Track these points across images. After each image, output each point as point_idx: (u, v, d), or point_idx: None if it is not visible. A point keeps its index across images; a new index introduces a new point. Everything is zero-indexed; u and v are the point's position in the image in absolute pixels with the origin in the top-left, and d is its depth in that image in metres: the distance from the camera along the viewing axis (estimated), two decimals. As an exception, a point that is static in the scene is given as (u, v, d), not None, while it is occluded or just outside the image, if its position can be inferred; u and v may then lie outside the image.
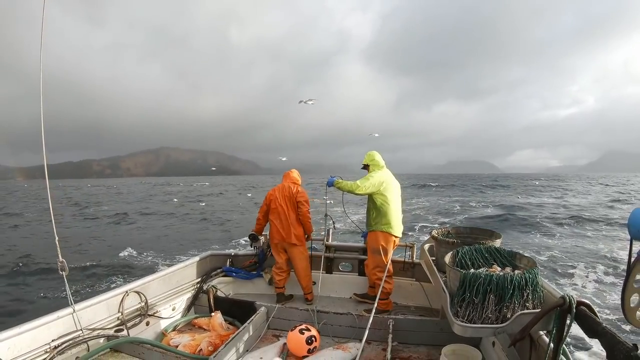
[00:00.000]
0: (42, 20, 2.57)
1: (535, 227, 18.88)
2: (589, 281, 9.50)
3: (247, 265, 5.12)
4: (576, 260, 11.79)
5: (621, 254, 12.19)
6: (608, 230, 17.94)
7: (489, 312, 2.28)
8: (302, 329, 3.58)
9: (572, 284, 9.24)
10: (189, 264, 4.57)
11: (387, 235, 4.37)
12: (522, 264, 2.77)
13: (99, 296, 3.41)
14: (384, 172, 4.54)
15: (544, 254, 12.70)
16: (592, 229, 18.54)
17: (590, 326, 1.85)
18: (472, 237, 3.64)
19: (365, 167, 4.67)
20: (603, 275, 10.04)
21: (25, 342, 2.72)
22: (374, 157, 4.60)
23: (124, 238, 17.43)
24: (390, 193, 4.42)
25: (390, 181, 4.50)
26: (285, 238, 4.58)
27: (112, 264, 11.82)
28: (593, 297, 8.23)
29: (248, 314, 3.92)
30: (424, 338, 3.71)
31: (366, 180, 4.35)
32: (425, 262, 3.92)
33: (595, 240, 15.41)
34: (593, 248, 13.79)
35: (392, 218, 4.38)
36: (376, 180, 4.36)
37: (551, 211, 25.39)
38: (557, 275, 10.10)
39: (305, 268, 4.70)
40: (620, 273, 10.05)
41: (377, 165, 4.56)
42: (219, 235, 18.44)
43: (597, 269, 10.71)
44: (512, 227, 19.15)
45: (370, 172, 4.52)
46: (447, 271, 2.77)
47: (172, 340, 3.63)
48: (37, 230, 20.14)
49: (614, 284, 9.18)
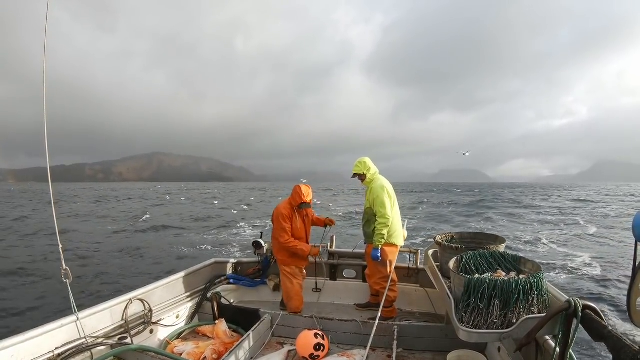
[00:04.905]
0: (45, 23, 2.60)
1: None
2: (593, 283, 9.44)
3: (251, 272, 5.10)
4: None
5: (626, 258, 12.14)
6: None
7: (494, 318, 2.27)
8: (318, 333, 3.58)
9: (576, 289, 9.16)
10: (193, 272, 4.57)
11: (393, 247, 4.31)
12: (526, 268, 2.76)
13: (102, 304, 3.41)
14: (382, 179, 4.35)
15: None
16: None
17: (596, 330, 1.84)
18: (476, 242, 3.63)
19: (357, 176, 4.41)
20: (608, 277, 9.98)
21: (29, 350, 2.72)
22: (369, 166, 4.35)
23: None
24: (391, 199, 4.29)
25: (389, 186, 4.32)
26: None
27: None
28: (598, 300, 8.16)
29: (252, 321, 3.91)
30: (429, 344, 3.69)
31: (382, 208, 4.13)
32: (430, 268, 3.91)
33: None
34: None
35: (395, 228, 4.31)
36: (385, 196, 4.16)
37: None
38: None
39: (288, 290, 4.48)
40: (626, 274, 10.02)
41: (373, 173, 4.36)
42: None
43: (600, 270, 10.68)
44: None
45: (367, 183, 4.35)
46: (451, 277, 2.77)
47: (176, 348, 3.62)
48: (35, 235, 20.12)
49: (619, 286, 9.11)
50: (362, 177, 4.38)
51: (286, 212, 4.35)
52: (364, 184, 4.42)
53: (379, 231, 4.14)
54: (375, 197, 4.22)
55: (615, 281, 9.60)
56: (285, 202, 4.48)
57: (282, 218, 4.32)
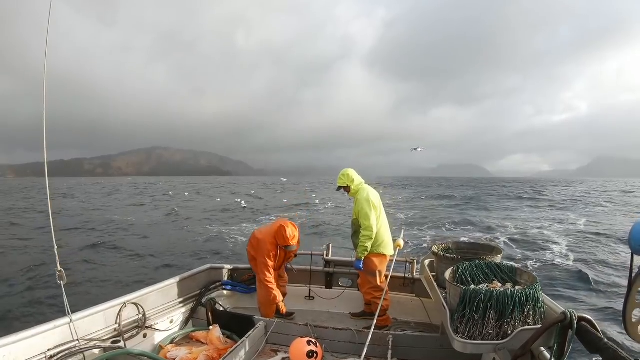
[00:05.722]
0: (48, 20, 2.61)
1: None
2: (590, 296, 9.44)
3: (247, 279, 5.08)
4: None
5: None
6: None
7: (489, 329, 2.28)
8: (311, 341, 3.56)
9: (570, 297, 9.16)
10: (188, 277, 4.54)
11: (381, 257, 4.32)
12: (522, 279, 2.77)
13: (96, 307, 3.39)
14: (367, 190, 4.33)
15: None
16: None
17: (591, 342, 1.84)
18: (472, 253, 3.64)
19: (342, 188, 4.41)
20: (604, 288, 9.99)
21: (21, 351, 2.70)
22: (353, 178, 4.33)
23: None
24: (378, 210, 4.29)
25: (375, 197, 4.31)
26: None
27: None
28: (593, 312, 8.14)
29: (246, 328, 3.88)
30: (423, 354, 3.67)
31: (365, 220, 4.14)
32: (426, 278, 3.90)
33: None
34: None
35: (383, 237, 4.32)
36: (369, 208, 4.16)
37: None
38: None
39: (260, 297, 4.49)
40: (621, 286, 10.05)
41: (357, 185, 4.35)
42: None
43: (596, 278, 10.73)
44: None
45: (353, 194, 4.34)
46: (447, 287, 2.77)
47: (170, 353, 3.59)
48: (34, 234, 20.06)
49: (614, 298, 9.10)
50: (347, 189, 4.38)
51: (272, 249, 4.29)
52: (349, 195, 4.42)
53: (362, 243, 4.18)
54: (359, 209, 4.24)
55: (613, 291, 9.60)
56: (269, 234, 4.34)
57: (266, 254, 4.26)
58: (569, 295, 9.21)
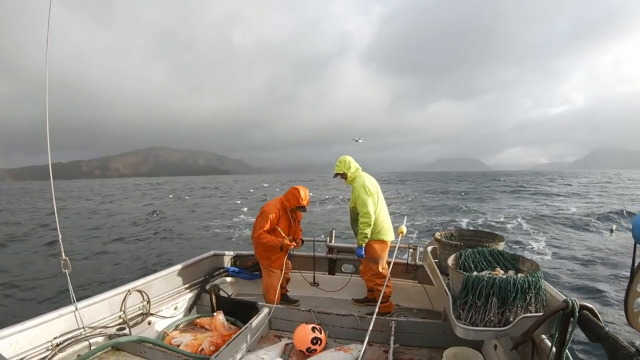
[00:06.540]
0: (47, 23, 2.58)
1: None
2: (592, 286, 9.47)
3: (250, 265, 5.12)
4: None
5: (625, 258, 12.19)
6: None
7: (491, 315, 2.27)
8: (316, 327, 3.59)
9: (574, 287, 9.19)
10: (192, 264, 4.58)
11: (382, 243, 4.32)
12: (525, 267, 2.76)
13: (101, 294, 3.43)
14: (363, 177, 4.32)
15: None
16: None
17: (592, 330, 1.84)
18: (475, 240, 3.63)
19: (339, 175, 4.40)
20: (605, 278, 10.01)
21: (27, 339, 2.74)
22: (350, 164, 4.33)
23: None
24: (375, 197, 4.28)
25: (372, 184, 4.30)
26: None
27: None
28: (595, 301, 8.19)
29: (250, 314, 3.92)
30: (425, 340, 3.70)
31: (362, 207, 4.14)
32: (428, 265, 3.91)
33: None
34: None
35: (383, 224, 4.31)
36: (366, 195, 4.16)
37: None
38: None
39: (265, 283, 4.60)
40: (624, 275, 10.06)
41: (354, 172, 4.34)
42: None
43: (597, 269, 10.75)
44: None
45: (350, 182, 4.33)
46: (449, 273, 2.77)
47: (174, 339, 3.64)
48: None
49: (616, 287, 9.13)
50: (344, 175, 4.38)
51: (273, 211, 4.37)
52: (347, 182, 4.41)
53: (362, 230, 4.19)
54: (356, 197, 4.24)
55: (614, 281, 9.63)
56: (276, 200, 4.50)
57: (265, 215, 4.35)
58: (569, 284, 9.26)
